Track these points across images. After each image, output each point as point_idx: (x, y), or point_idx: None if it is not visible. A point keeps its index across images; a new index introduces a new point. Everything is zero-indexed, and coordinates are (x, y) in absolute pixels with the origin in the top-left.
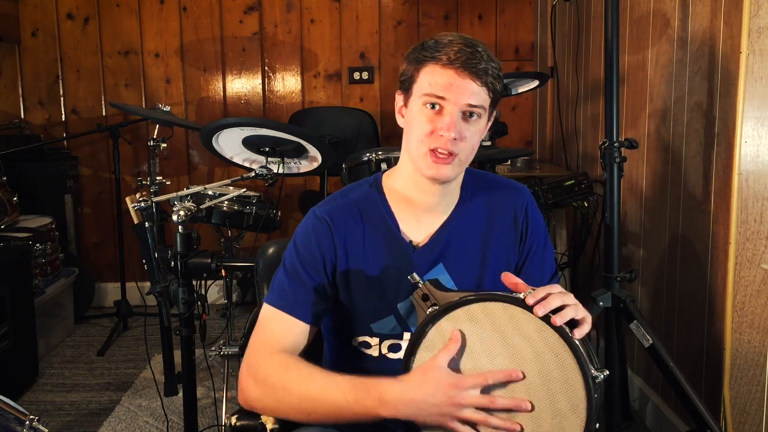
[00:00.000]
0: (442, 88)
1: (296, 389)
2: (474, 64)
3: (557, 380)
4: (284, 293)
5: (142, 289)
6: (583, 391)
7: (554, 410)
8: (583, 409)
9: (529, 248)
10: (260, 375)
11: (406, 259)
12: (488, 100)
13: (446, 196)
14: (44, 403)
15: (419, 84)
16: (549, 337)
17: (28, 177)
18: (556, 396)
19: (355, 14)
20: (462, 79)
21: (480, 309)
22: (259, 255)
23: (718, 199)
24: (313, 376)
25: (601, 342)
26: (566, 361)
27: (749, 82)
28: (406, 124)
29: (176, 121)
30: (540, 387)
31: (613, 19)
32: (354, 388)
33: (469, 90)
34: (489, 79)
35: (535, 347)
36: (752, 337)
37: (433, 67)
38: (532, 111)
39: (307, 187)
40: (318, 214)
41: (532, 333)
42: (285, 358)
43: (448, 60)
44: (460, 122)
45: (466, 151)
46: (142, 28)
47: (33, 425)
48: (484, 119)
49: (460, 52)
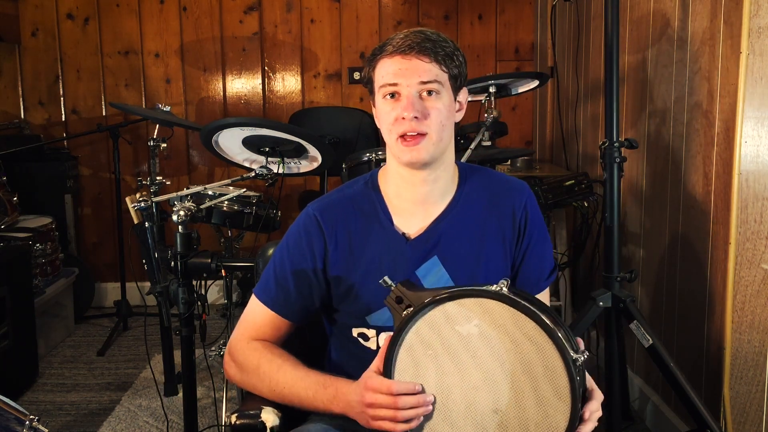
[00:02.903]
0: (393, 75)
1: (267, 378)
2: (418, 43)
3: (538, 368)
4: (269, 289)
5: (142, 289)
6: (565, 375)
7: (538, 398)
8: (568, 394)
9: (527, 245)
10: (238, 359)
11: (400, 252)
12: (443, 75)
13: (436, 185)
14: (44, 403)
15: (376, 80)
16: (525, 326)
17: (28, 177)
18: (539, 383)
19: (355, 14)
20: (409, 61)
21: (454, 306)
22: (259, 255)
23: (718, 199)
24: (282, 369)
25: (601, 342)
26: (545, 348)
27: (749, 82)
28: (377, 121)
29: (176, 121)
30: (522, 376)
31: (613, 19)
32: (314, 384)
33: (418, 69)
34: (439, 56)
35: (513, 337)
36: (752, 337)
37: (382, 60)
38: (532, 111)
39: (307, 187)
40: (310, 211)
41: (509, 324)
42: (260, 346)
43: (393, 48)
44: (417, 101)
45: (434, 127)
46: (142, 28)
47: (33, 425)
48: (445, 95)
49: (405, 38)
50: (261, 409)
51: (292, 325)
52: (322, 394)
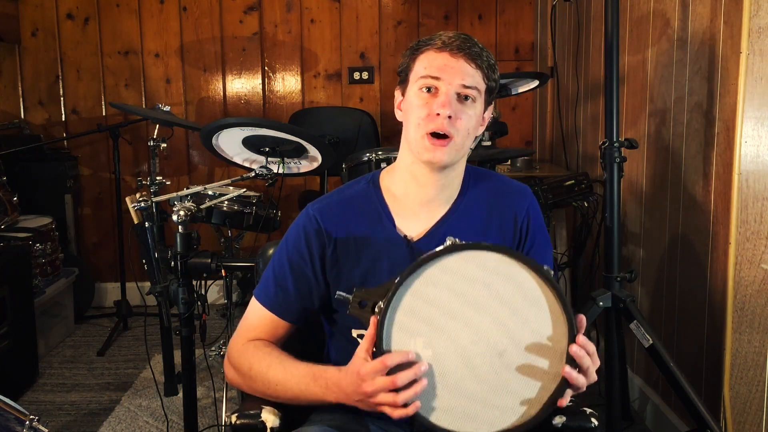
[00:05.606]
0: (437, 69)
1: (260, 379)
2: (468, 47)
3: (516, 295)
4: (268, 291)
5: (142, 289)
6: (539, 288)
7: (529, 323)
8: (544, 301)
9: (529, 250)
10: (234, 361)
11: (401, 253)
12: (483, 84)
13: (445, 189)
14: (44, 403)
15: (415, 71)
16: (487, 263)
17: (28, 177)
18: (524, 308)
19: (355, 14)
20: (456, 60)
21: (420, 281)
22: (259, 255)
23: (718, 199)
24: (272, 367)
25: (601, 342)
26: (513, 273)
27: (749, 82)
28: (404, 113)
29: (176, 121)
30: (505, 310)
31: (613, 19)
32: (305, 377)
33: (463, 71)
34: (484, 64)
35: (482, 280)
36: (752, 337)
37: (428, 52)
38: (532, 111)
39: (307, 187)
40: (310, 212)
41: (471, 270)
42: (252, 347)
43: (442, 44)
44: (455, 102)
45: (461, 133)
46: (142, 28)
47: (33, 425)
48: (479, 105)
49: (455, 38)
50: (261, 409)
51: (291, 327)
52: (314, 386)
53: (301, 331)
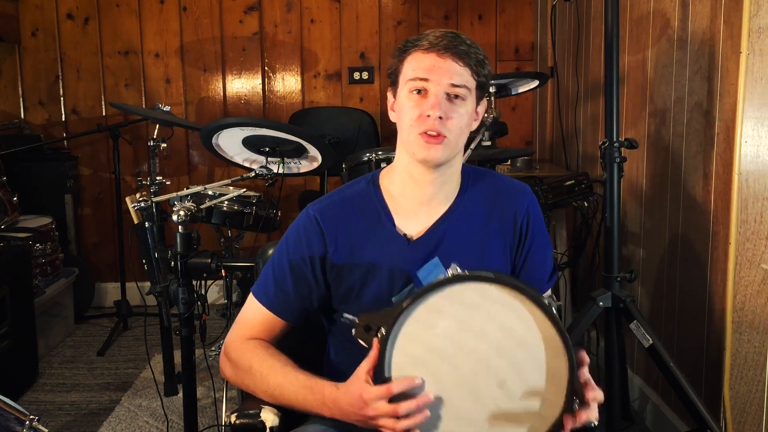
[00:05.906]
0: (424, 71)
1: (259, 379)
2: (455, 45)
3: (518, 327)
4: (267, 289)
5: (142, 289)
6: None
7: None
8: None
9: (529, 248)
10: (232, 357)
11: (401, 253)
12: (472, 82)
13: (443, 187)
14: (44, 403)
15: (404, 73)
16: (490, 294)
17: (28, 177)
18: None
19: (355, 14)
20: (444, 60)
21: (423, 309)
22: (259, 255)
23: (718, 199)
24: (272, 369)
25: (601, 342)
26: (515, 305)
27: (749, 82)
28: (397, 114)
29: (176, 121)
30: (508, 341)
31: (613, 19)
32: (303, 388)
33: (452, 70)
34: (472, 61)
35: (486, 310)
36: (752, 337)
37: (415, 54)
38: (532, 111)
39: (307, 187)
40: (310, 212)
41: (476, 299)
42: (254, 346)
43: (429, 44)
44: (445, 102)
45: (454, 131)
46: (142, 28)
47: (33, 425)
48: (470, 102)
49: (441, 37)
50: (261, 409)
51: (289, 326)
52: (311, 398)
53: (301, 331)
